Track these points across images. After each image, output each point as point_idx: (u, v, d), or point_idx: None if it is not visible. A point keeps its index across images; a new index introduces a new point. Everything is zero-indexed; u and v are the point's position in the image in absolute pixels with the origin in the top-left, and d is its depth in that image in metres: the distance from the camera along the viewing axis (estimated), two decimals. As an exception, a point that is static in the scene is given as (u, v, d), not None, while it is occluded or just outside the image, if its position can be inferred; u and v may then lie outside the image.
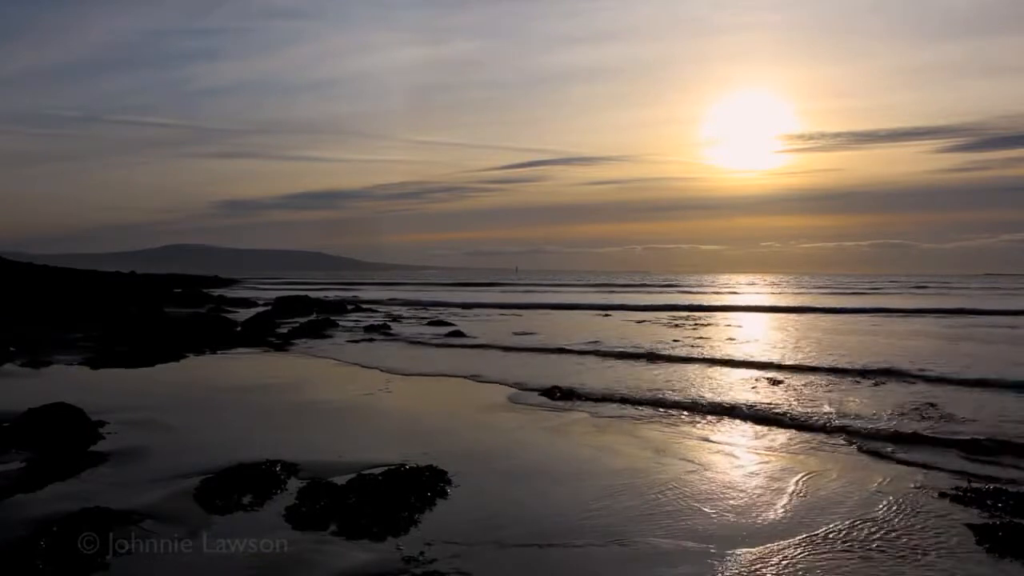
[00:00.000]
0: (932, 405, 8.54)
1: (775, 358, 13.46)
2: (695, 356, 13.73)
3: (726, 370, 12.09)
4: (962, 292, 54.73)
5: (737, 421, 8.07)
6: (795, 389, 9.98)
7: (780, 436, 7.36)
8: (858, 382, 10.56)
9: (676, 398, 9.22)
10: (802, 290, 63.52)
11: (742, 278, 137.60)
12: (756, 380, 10.82)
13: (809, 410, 8.43)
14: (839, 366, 11.99)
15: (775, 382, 10.55)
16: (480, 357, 14.08)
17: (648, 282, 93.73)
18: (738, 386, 10.33)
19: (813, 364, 12.39)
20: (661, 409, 8.66)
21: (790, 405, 8.75)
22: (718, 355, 13.96)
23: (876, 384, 10.37)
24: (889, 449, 6.72)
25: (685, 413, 8.43)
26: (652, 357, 13.61)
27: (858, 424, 7.63)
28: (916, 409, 8.35)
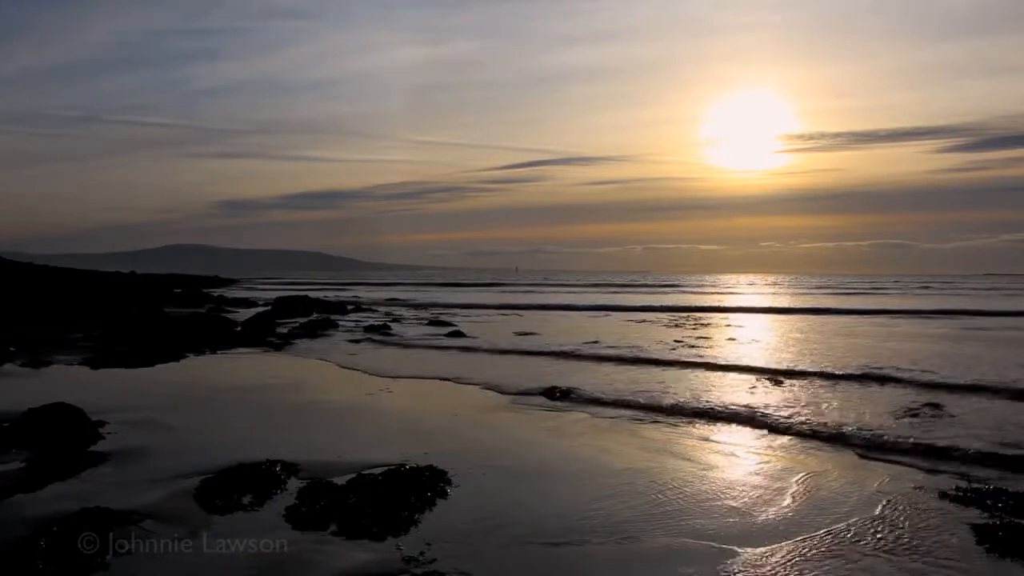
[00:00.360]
0: (934, 407, 8.53)
1: (775, 360, 13.46)
2: (695, 357, 13.70)
3: (726, 371, 12.08)
4: (964, 293, 54.73)
5: (737, 422, 8.06)
6: (796, 390, 9.97)
7: (780, 437, 7.36)
8: (860, 384, 10.54)
9: (676, 399, 9.21)
10: (803, 291, 63.52)
11: (742, 278, 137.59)
12: (756, 381, 10.80)
13: (810, 411, 8.42)
14: (840, 368, 11.93)
15: (776, 383, 10.54)
16: (480, 357, 14.08)
17: (648, 282, 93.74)
18: (738, 387, 10.32)
19: (814, 366, 12.35)
20: (661, 410, 8.65)
21: (790, 406, 8.74)
22: (718, 356, 13.97)
23: (878, 386, 10.35)
24: (890, 450, 6.72)
25: (685, 414, 8.43)
26: (652, 358, 13.59)
27: (859, 425, 7.62)
28: (917, 411, 8.34)
